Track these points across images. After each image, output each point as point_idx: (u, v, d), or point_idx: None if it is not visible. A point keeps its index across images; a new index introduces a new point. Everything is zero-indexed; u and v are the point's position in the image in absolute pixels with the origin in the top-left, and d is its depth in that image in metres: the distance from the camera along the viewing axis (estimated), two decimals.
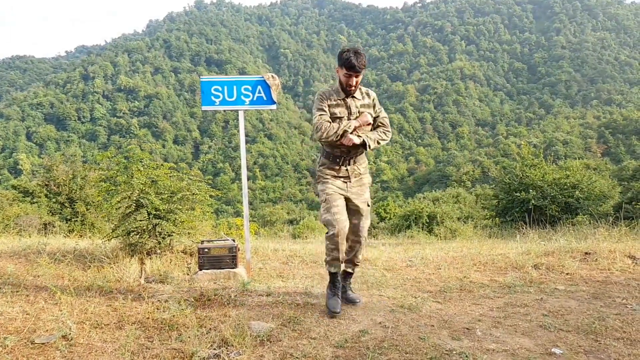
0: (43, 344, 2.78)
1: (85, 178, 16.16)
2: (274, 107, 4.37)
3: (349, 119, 3.34)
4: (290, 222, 36.08)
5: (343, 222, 3.24)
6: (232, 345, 2.75)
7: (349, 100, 3.38)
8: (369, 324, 3.09)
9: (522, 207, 11.86)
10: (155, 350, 2.70)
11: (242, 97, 4.26)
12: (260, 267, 4.88)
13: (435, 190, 44.13)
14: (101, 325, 3.10)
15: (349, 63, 3.22)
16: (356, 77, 3.29)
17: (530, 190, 11.87)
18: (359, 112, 3.39)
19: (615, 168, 32.24)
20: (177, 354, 2.66)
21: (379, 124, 3.48)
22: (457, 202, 29.85)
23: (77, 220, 14.98)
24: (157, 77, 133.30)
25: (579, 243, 5.81)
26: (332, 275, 3.45)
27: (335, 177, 3.40)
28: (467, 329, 3.06)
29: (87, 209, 15.65)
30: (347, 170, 3.40)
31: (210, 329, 3.00)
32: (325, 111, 3.33)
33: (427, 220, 16.38)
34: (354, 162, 3.42)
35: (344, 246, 3.30)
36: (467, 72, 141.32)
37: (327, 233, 3.30)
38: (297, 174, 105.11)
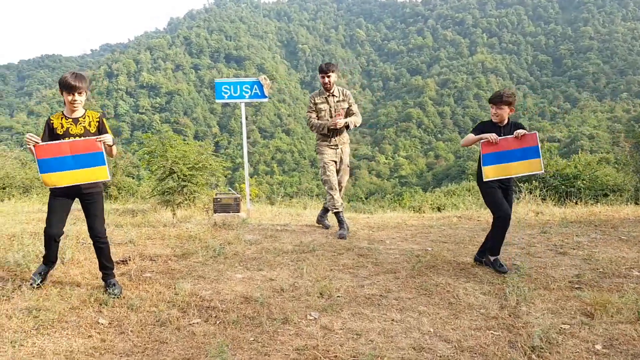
0: (119, 243, 4.61)
1: (115, 166, 18.26)
2: (266, 100, 6.14)
3: (330, 111, 5.15)
4: None
5: (335, 181, 5.11)
6: (232, 244, 4.53)
7: (330, 98, 5.22)
8: (317, 237, 4.85)
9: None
10: (187, 247, 4.50)
11: (243, 93, 6.03)
12: (257, 217, 6.65)
13: (452, 184, 44.95)
14: (151, 238, 4.92)
15: (319, 68, 5.18)
16: (327, 77, 5.08)
17: (533, 181, 12.94)
18: (335, 107, 5.17)
19: None
20: (199, 246, 4.44)
21: (352, 112, 5.28)
22: (471, 195, 31.02)
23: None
24: (178, 74, 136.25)
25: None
26: (336, 214, 5.14)
27: (328, 146, 5.19)
28: (382, 240, 4.77)
29: (120, 193, 17.79)
30: (335, 140, 5.23)
31: (219, 238, 4.79)
32: (312, 109, 5.26)
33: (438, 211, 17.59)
34: (339, 134, 5.24)
35: (337, 194, 5.10)
36: (488, 66, 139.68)
37: (326, 188, 5.12)
38: (314, 169, 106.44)
